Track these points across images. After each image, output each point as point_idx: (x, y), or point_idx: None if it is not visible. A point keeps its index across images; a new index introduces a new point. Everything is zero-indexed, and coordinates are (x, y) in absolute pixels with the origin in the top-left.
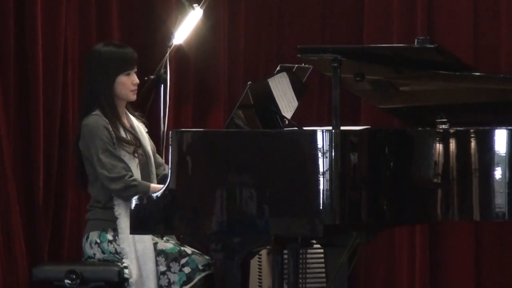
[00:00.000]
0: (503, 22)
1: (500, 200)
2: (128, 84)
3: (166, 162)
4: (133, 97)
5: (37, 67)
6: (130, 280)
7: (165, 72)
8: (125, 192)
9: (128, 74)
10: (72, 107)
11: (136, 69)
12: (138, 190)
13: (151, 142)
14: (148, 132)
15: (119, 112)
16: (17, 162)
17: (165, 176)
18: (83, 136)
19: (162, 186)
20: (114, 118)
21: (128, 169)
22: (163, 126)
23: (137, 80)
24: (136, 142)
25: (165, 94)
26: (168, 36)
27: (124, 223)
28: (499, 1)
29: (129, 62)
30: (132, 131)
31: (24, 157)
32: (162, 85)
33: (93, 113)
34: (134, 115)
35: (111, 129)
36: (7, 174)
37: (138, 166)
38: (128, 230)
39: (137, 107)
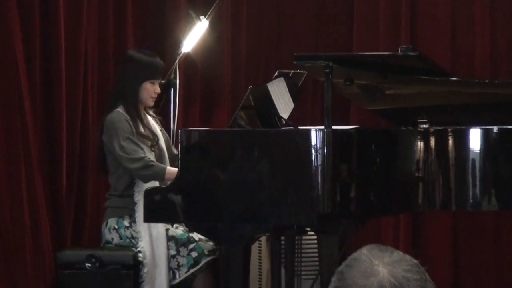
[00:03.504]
0: (478, 31)
1: (474, 192)
2: (150, 91)
3: None
4: (151, 103)
5: (60, 71)
6: (144, 262)
7: (175, 77)
8: (144, 171)
9: (153, 83)
10: (92, 107)
11: (160, 80)
12: (155, 170)
13: (166, 135)
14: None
15: (139, 113)
16: (42, 159)
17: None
18: (107, 129)
19: (176, 168)
20: (135, 116)
21: (145, 154)
22: (173, 125)
23: (158, 90)
24: (154, 137)
25: (175, 96)
26: (177, 44)
27: (141, 210)
28: (473, 11)
29: (157, 73)
30: (150, 128)
31: (48, 154)
32: (172, 89)
33: (117, 109)
34: (149, 114)
35: (131, 123)
36: (34, 169)
37: (154, 158)
38: None
39: (156, 112)
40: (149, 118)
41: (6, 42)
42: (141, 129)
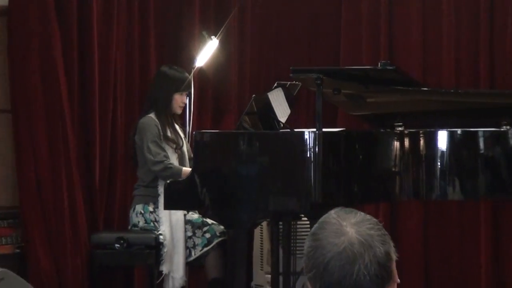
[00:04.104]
0: (444, 48)
1: (441, 183)
2: (179, 101)
3: None
4: (179, 111)
5: (94, 81)
6: (164, 243)
7: (190, 88)
8: (163, 172)
9: (182, 94)
10: (120, 112)
11: (187, 92)
12: (173, 171)
13: (188, 145)
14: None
15: (168, 119)
16: (79, 156)
17: None
18: (139, 130)
19: (190, 169)
20: (165, 122)
21: (168, 157)
22: (189, 128)
23: (185, 101)
24: (179, 142)
25: (190, 104)
26: (192, 59)
27: (163, 199)
28: (441, 31)
29: (186, 86)
30: (175, 133)
31: (84, 151)
32: (188, 97)
33: (149, 115)
34: (177, 124)
35: (160, 128)
36: (72, 164)
37: (177, 160)
38: None
39: (181, 122)
40: (177, 126)
41: (49, 58)
42: (168, 133)
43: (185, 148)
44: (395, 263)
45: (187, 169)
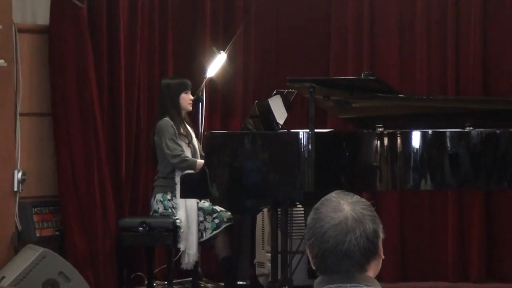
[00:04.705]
0: (418, 60)
1: (414, 176)
2: (186, 99)
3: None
4: (189, 108)
5: (120, 90)
6: (180, 225)
7: (202, 95)
8: (181, 164)
9: (187, 93)
10: (143, 117)
11: (190, 90)
12: (189, 163)
13: (198, 142)
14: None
15: (181, 118)
16: (108, 152)
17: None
18: (157, 132)
19: (203, 161)
20: (177, 122)
21: (184, 151)
22: (201, 129)
23: (191, 97)
24: (189, 137)
25: (202, 108)
26: (203, 70)
27: (179, 189)
28: (415, 46)
29: (187, 85)
30: (187, 131)
31: (113, 149)
32: (200, 103)
33: (164, 118)
34: (189, 124)
35: (175, 127)
36: (102, 160)
37: (190, 153)
38: None
39: (192, 119)
40: (188, 126)
41: (82, 68)
42: (182, 130)
43: (195, 143)
44: (381, 240)
45: (200, 161)
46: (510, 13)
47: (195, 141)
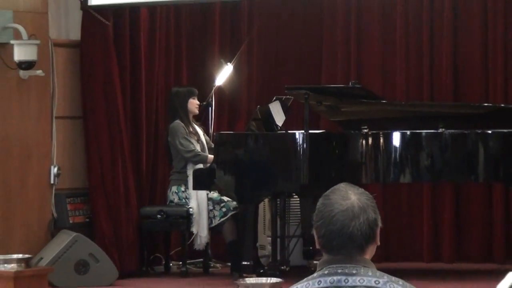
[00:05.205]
0: (397, 69)
1: (395, 170)
2: (194, 103)
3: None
4: (196, 111)
5: (141, 94)
6: (193, 212)
7: (212, 100)
8: (194, 158)
9: (194, 98)
10: (160, 119)
11: (196, 96)
12: (201, 157)
13: (207, 137)
14: (205, 133)
15: (189, 120)
16: (131, 151)
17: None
18: (171, 133)
19: (213, 156)
20: (187, 123)
21: (195, 147)
22: (211, 130)
23: (198, 102)
24: (197, 135)
25: (212, 112)
26: (213, 79)
27: (191, 181)
28: (395, 57)
29: (194, 92)
30: (195, 130)
31: (135, 147)
32: (210, 107)
33: (175, 121)
34: (196, 124)
35: (185, 128)
36: (126, 157)
37: (200, 148)
38: None
39: (199, 120)
40: (195, 125)
41: (109, 78)
42: (191, 129)
43: (203, 139)
44: (379, 229)
45: (210, 156)
46: (477, 28)
47: (203, 138)
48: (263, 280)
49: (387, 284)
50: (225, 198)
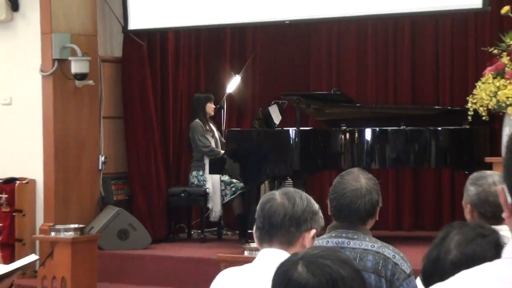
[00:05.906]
0: (369, 81)
1: (367, 159)
2: (210, 107)
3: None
4: (212, 113)
5: (169, 100)
6: (209, 191)
7: (224, 104)
8: (209, 152)
9: (211, 103)
10: (184, 119)
11: (213, 101)
12: (215, 152)
13: (220, 135)
14: (218, 130)
15: (206, 120)
16: (161, 143)
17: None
18: (191, 130)
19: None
20: (204, 122)
21: (210, 143)
22: (223, 127)
23: (213, 106)
24: (212, 132)
25: (224, 113)
26: (224, 87)
27: (207, 167)
28: (368, 68)
29: (211, 98)
30: (210, 127)
31: (164, 141)
32: (222, 110)
33: (195, 120)
34: (211, 122)
35: (203, 126)
36: (157, 148)
37: (214, 143)
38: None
39: (213, 119)
40: (211, 124)
41: (144, 86)
42: (207, 127)
43: (217, 135)
44: (379, 208)
45: (222, 152)
46: (430, 47)
47: (216, 134)
48: None
49: (380, 248)
50: (234, 180)
